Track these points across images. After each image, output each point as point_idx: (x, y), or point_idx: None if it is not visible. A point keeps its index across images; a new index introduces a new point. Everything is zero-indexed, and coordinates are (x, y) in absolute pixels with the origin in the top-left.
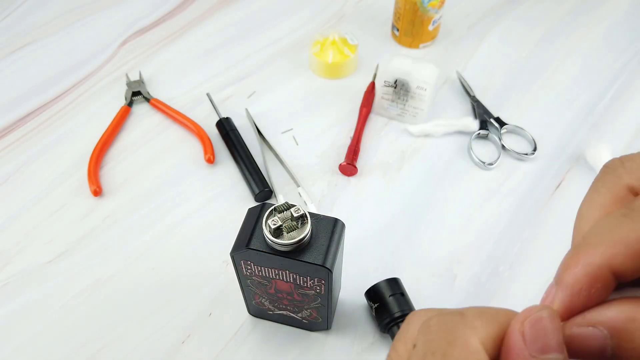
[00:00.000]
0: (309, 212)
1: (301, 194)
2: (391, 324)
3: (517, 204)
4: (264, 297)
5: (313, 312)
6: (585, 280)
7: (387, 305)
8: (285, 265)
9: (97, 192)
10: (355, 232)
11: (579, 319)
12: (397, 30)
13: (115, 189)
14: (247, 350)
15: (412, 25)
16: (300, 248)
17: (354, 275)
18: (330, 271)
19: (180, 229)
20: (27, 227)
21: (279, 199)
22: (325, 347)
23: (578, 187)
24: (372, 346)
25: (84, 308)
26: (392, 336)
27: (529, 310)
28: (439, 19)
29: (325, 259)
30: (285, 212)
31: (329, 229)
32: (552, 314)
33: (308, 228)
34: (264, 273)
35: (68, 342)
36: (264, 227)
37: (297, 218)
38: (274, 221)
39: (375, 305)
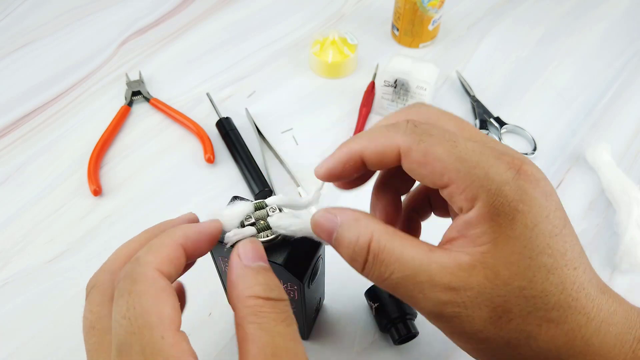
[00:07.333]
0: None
1: (301, 194)
2: (391, 324)
3: None
4: None
5: None
6: (344, 156)
7: (387, 305)
8: None
9: (97, 191)
10: None
11: (329, 208)
12: (397, 30)
13: (115, 189)
14: None
15: (412, 25)
16: (273, 248)
17: (354, 275)
18: (295, 278)
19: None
20: (27, 227)
21: None
22: (325, 346)
23: (578, 187)
24: (372, 346)
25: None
26: (392, 336)
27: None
28: (438, 19)
29: (295, 266)
30: (261, 210)
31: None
32: (255, 241)
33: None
34: None
35: (68, 342)
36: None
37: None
38: (248, 218)
39: (375, 305)
